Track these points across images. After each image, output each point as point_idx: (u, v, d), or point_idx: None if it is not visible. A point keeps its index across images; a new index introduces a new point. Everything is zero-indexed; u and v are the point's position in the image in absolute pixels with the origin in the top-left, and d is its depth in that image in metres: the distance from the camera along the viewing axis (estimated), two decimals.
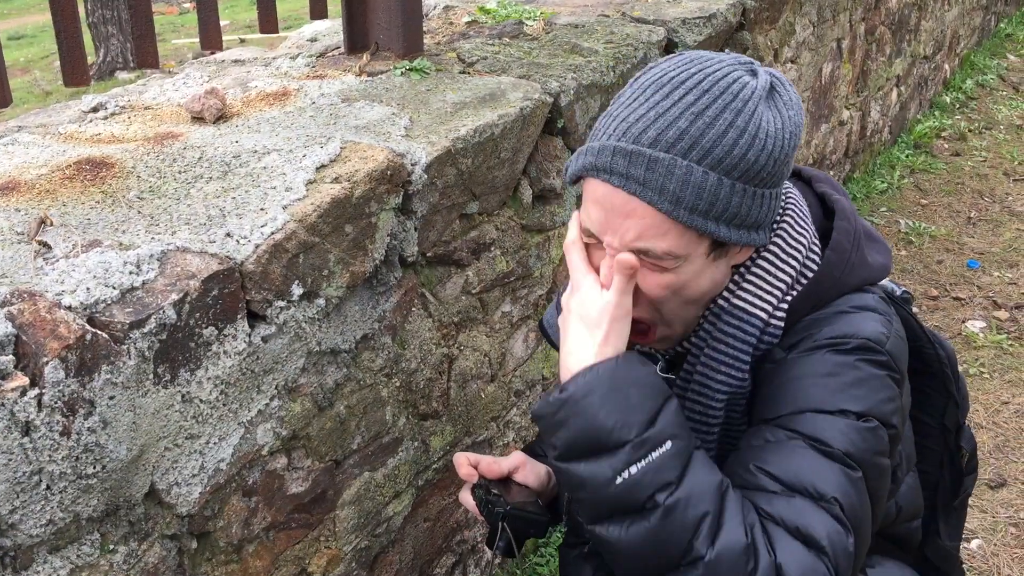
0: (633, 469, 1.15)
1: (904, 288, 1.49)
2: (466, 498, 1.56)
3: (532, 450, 1.71)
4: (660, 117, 1.19)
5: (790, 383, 1.26)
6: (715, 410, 1.30)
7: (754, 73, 1.23)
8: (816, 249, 1.34)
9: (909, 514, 1.46)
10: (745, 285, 1.30)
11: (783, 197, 1.34)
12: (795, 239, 1.32)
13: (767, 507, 1.18)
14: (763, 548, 1.14)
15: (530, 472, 1.61)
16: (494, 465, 1.58)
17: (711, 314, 1.32)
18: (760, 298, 1.29)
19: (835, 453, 1.19)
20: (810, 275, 1.31)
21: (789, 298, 1.30)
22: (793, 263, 1.30)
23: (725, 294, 1.31)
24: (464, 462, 1.55)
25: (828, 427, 1.21)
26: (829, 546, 1.14)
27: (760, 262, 1.30)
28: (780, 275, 1.30)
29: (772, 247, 1.30)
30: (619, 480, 1.15)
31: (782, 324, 1.29)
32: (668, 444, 1.16)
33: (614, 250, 1.23)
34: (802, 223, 1.34)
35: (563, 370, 1.27)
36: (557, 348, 1.58)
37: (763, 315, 1.29)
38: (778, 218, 1.32)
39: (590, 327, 1.24)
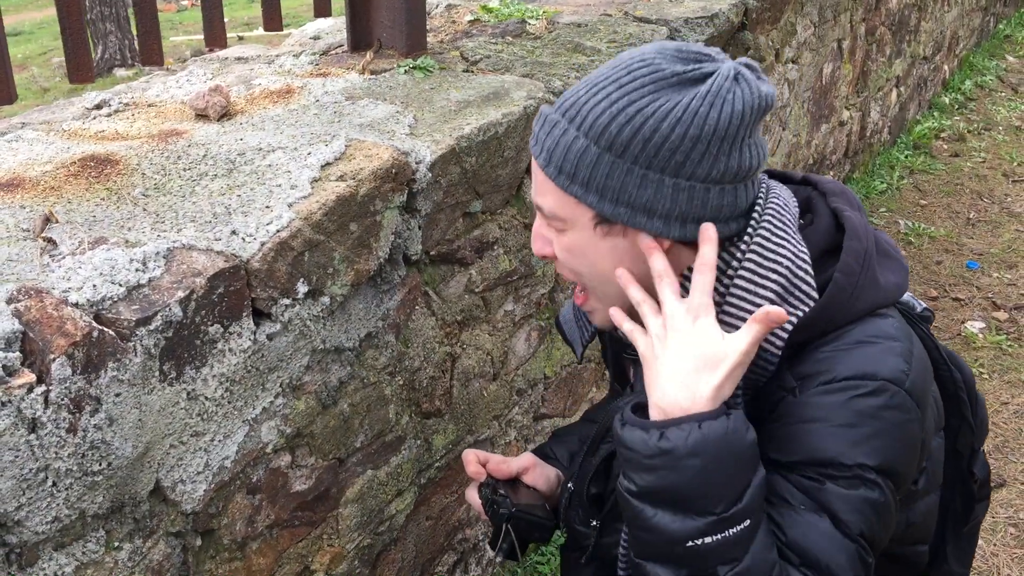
0: (708, 539, 1.14)
1: (925, 305, 1.43)
2: (472, 496, 1.55)
3: (543, 452, 1.68)
4: (583, 86, 1.23)
5: (807, 427, 1.22)
6: None
7: (694, 61, 1.19)
8: (804, 257, 1.26)
9: (919, 536, 1.43)
10: (726, 307, 1.25)
11: (760, 205, 1.27)
12: (773, 249, 1.25)
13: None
14: None
15: (539, 475, 1.59)
16: (503, 465, 1.56)
17: None
18: (746, 312, 1.23)
19: (851, 534, 1.19)
20: (805, 288, 1.25)
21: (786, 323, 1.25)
22: (775, 276, 1.24)
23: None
24: (472, 459, 1.53)
25: (846, 505, 1.19)
26: None
27: (738, 280, 1.25)
28: (762, 291, 1.23)
29: (748, 263, 1.24)
30: (690, 544, 1.14)
31: (778, 351, 1.24)
32: (747, 522, 1.15)
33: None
34: (781, 230, 1.26)
35: (663, 395, 1.19)
36: (572, 347, 1.57)
37: None
38: (753, 226, 1.26)
39: (708, 364, 1.17)
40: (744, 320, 1.21)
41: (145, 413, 1.41)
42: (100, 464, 1.35)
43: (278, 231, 1.59)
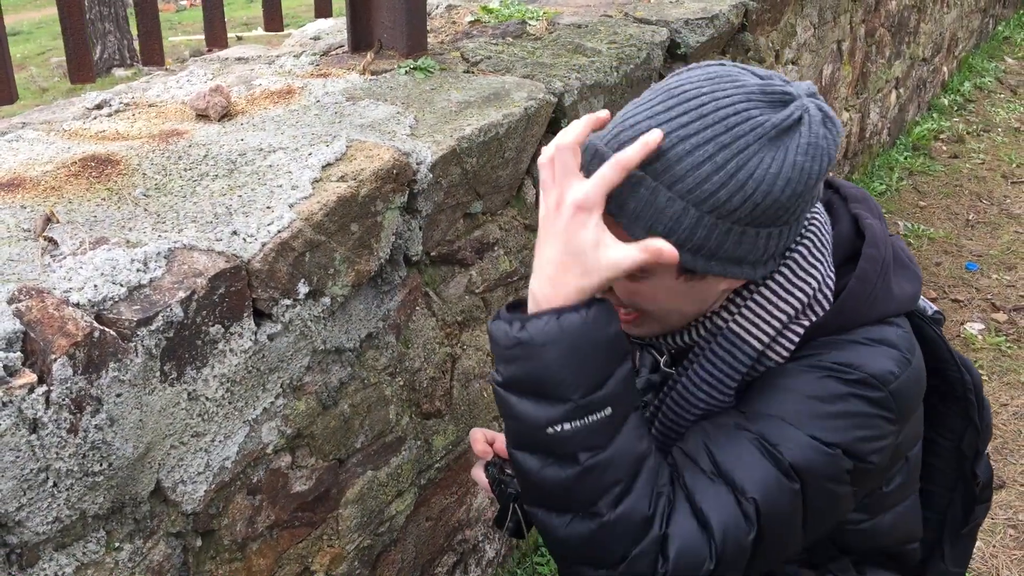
0: (567, 426, 1.15)
1: (936, 308, 1.45)
2: (478, 475, 1.55)
3: None
4: (667, 142, 1.14)
5: (776, 389, 1.25)
6: (686, 422, 1.31)
7: (782, 104, 1.15)
8: (830, 283, 1.29)
9: (904, 537, 1.44)
10: (744, 311, 1.27)
11: (805, 224, 1.28)
12: (805, 271, 1.26)
13: (689, 480, 1.21)
14: (658, 520, 1.17)
15: None
16: None
17: (707, 332, 1.30)
18: (756, 326, 1.26)
19: (780, 460, 1.20)
20: (818, 309, 1.27)
21: (794, 328, 1.27)
22: (799, 295, 1.26)
23: (725, 315, 1.29)
24: (480, 438, 1.53)
25: (788, 437, 1.20)
26: (720, 532, 1.16)
27: (763, 290, 1.26)
28: (782, 306, 1.25)
29: (778, 276, 1.26)
30: (550, 431, 1.16)
31: (786, 353, 1.27)
32: (607, 410, 1.16)
33: None
34: (817, 254, 1.28)
35: (533, 288, 1.19)
36: None
37: (757, 344, 1.26)
38: (793, 245, 1.27)
39: (578, 265, 1.14)
40: (754, 329, 1.25)
41: (146, 413, 1.41)
42: (101, 464, 1.35)
43: (279, 231, 1.59)
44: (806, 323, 1.27)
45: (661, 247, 1.12)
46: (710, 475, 1.21)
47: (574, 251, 1.14)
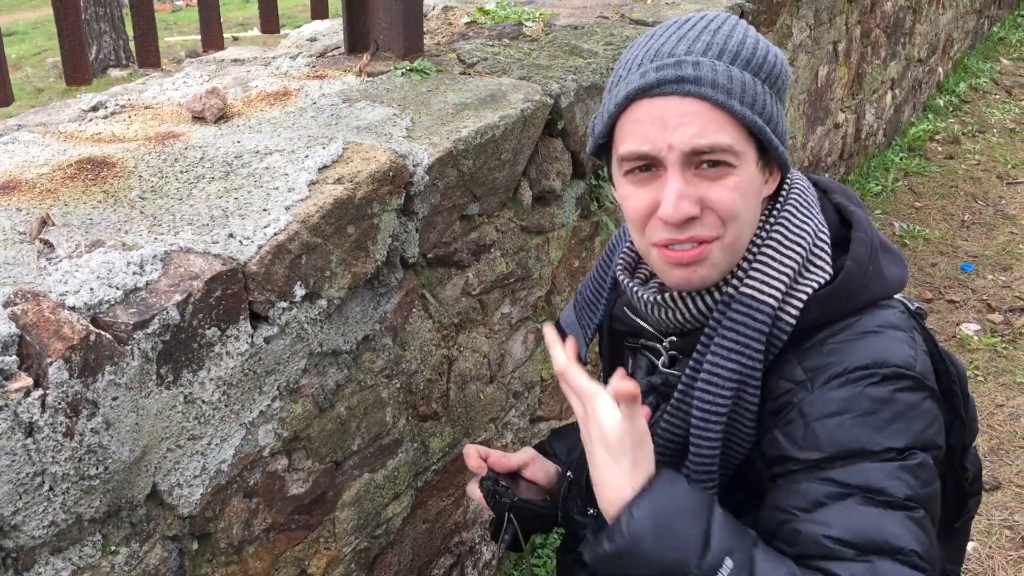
0: None
1: (918, 304, 1.46)
2: (474, 490, 1.55)
3: (542, 448, 1.70)
4: (683, 38, 1.26)
5: (828, 422, 1.23)
6: (724, 398, 1.28)
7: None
8: (824, 236, 1.33)
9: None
10: (752, 273, 1.29)
11: (787, 182, 1.37)
12: (799, 224, 1.32)
13: (847, 574, 1.19)
14: None
15: (539, 469, 1.61)
16: (503, 460, 1.57)
17: (721, 303, 1.31)
18: (768, 284, 1.28)
19: (895, 501, 1.20)
20: (820, 262, 1.30)
21: (801, 288, 1.28)
22: (798, 248, 1.30)
23: (734, 281, 1.30)
24: (474, 454, 1.54)
25: (881, 475, 1.20)
26: None
27: (765, 249, 1.30)
28: (786, 260, 1.29)
29: (775, 234, 1.31)
30: None
31: (793, 321, 1.27)
32: (728, 562, 1.16)
33: (676, 153, 1.23)
34: (806, 209, 1.34)
35: (602, 502, 1.25)
36: None
37: (772, 302, 1.27)
38: (780, 203, 1.34)
39: (615, 455, 1.22)
40: (766, 287, 1.28)
41: (142, 417, 1.40)
42: (97, 468, 1.35)
43: (275, 234, 1.58)
44: (812, 284, 1.28)
45: (624, 390, 1.18)
46: (858, 558, 1.19)
47: (604, 448, 1.22)
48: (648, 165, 1.25)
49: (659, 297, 1.35)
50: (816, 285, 1.28)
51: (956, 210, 5.29)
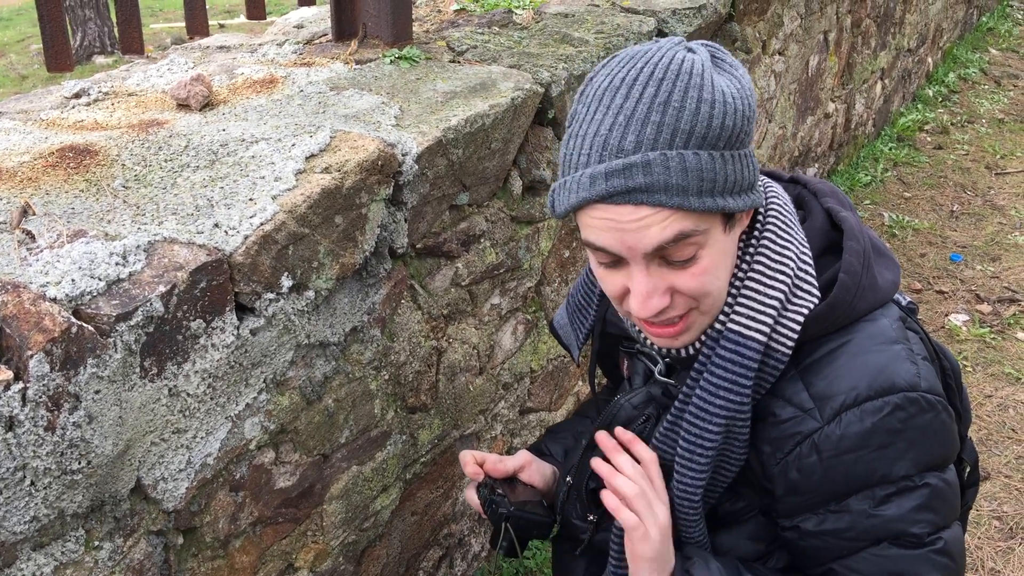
0: None
1: (909, 299, 1.45)
2: (471, 496, 1.55)
3: (538, 449, 1.70)
4: (631, 120, 1.15)
5: (845, 458, 1.25)
6: (712, 433, 1.27)
7: (691, 50, 1.19)
8: (807, 256, 1.29)
9: None
10: (738, 308, 1.26)
11: (765, 198, 1.31)
12: (780, 250, 1.28)
13: None
14: None
15: (535, 471, 1.60)
16: (499, 464, 1.56)
17: (708, 338, 1.29)
18: (754, 319, 1.25)
19: (922, 542, 1.24)
20: (806, 286, 1.27)
21: (792, 315, 1.25)
22: (782, 276, 1.26)
23: (721, 317, 1.28)
24: (470, 460, 1.53)
25: (903, 518, 1.24)
26: None
27: (748, 283, 1.27)
28: (771, 292, 1.25)
29: (757, 265, 1.27)
30: None
31: (788, 351, 1.25)
32: None
33: (638, 253, 1.19)
34: (786, 231, 1.29)
35: None
36: (568, 350, 1.61)
37: (760, 336, 1.25)
38: (758, 231, 1.29)
39: (661, 564, 1.34)
40: (752, 323, 1.25)
41: (125, 410, 1.38)
42: (79, 463, 1.32)
43: (262, 224, 1.56)
44: (802, 310, 1.25)
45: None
46: None
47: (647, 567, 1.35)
48: (614, 260, 1.23)
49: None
50: (806, 310, 1.26)
51: (945, 200, 5.29)
